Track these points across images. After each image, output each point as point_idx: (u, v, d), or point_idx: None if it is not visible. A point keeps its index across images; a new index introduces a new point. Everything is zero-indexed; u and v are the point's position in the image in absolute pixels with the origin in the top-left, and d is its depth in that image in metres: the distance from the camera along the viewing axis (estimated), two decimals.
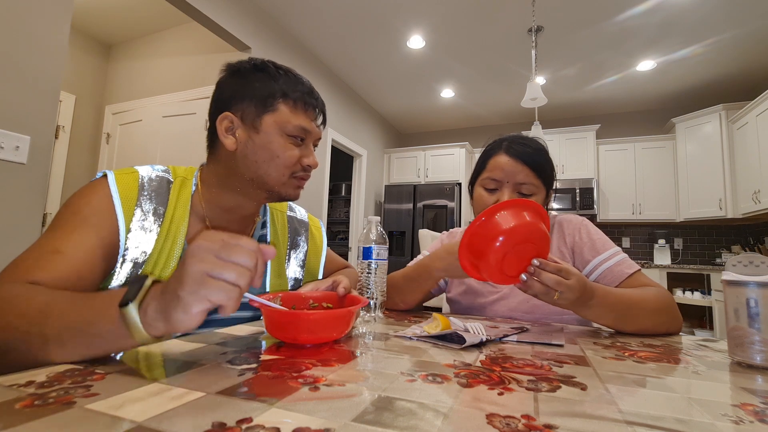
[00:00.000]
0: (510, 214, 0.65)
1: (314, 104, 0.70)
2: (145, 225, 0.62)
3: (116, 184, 0.61)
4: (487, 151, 0.93)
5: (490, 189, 0.89)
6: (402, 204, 4.59)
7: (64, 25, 1.57)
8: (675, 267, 3.63)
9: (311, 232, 0.90)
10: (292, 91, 0.68)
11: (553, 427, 0.29)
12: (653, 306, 0.71)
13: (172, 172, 0.70)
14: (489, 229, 0.64)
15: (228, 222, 0.72)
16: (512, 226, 0.63)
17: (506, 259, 0.63)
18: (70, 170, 3.10)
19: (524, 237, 0.63)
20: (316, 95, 0.72)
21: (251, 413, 0.28)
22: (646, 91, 4.00)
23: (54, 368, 0.37)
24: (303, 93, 0.69)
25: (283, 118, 0.67)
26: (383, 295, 0.76)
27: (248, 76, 0.68)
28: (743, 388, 0.40)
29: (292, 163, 0.68)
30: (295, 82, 0.70)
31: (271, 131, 0.66)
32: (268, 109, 0.67)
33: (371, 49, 3.39)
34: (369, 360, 0.46)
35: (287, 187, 0.70)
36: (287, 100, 0.67)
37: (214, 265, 0.36)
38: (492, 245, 0.63)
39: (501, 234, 0.63)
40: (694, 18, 2.77)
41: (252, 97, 0.67)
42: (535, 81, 2.56)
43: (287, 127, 0.67)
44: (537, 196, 0.88)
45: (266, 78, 0.68)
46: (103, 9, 3.00)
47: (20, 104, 1.45)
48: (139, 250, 0.61)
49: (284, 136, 0.67)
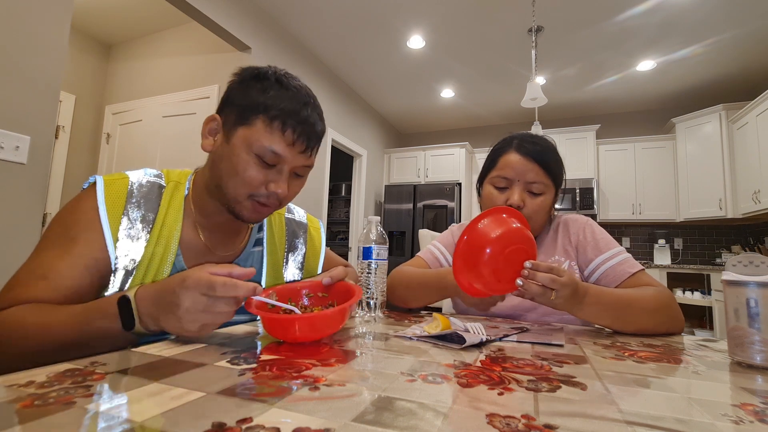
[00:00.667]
0: (492, 222, 0.68)
1: (295, 127, 0.62)
2: (132, 233, 0.61)
3: (104, 193, 0.61)
4: (497, 149, 0.93)
5: (500, 187, 0.90)
6: (402, 204, 4.59)
7: (64, 25, 1.57)
8: (675, 267, 3.64)
9: (310, 234, 0.88)
10: (274, 107, 0.61)
11: (553, 427, 0.29)
12: (652, 305, 0.71)
13: (165, 176, 0.70)
14: (475, 244, 0.66)
15: (219, 226, 0.70)
16: (498, 234, 0.65)
17: (499, 268, 0.64)
18: (70, 170, 3.10)
19: (511, 241, 0.65)
20: (303, 117, 0.62)
21: (251, 413, 0.28)
22: (646, 91, 4.00)
23: (54, 368, 0.37)
24: (285, 112, 0.61)
25: (254, 135, 0.61)
26: (383, 295, 0.76)
27: (245, 82, 0.65)
28: (743, 388, 0.40)
29: (253, 185, 0.62)
30: (283, 97, 0.62)
31: (238, 145, 0.61)
32: (244, 121, 0.62)
33: (371, 49, 3.39)
34: (369, 360, 0.46)
35: (242, 208, 0.64)
36: (265, 117, 0.61)
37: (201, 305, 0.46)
38: (482, 258, 0.64)
39: (488, 244, 0.64)
40: (694, 18, 2.77)
41: (237, 105, 0.63)
42: (535, 81, 2.56)
43: (254, 146, 0.61)
44: (547, 195, 0.88)
45: (258, 88, 0.63)
46: (103, 9, 3.00)
47: (20, 104, 1.45)
48: (128, 258, 0.60)
49: (251, 155, 0.61)
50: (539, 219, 0.89)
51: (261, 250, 0.77)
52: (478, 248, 0.65)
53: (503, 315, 0.90)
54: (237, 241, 0.74)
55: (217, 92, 2.76)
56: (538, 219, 0.89)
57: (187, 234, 0.67)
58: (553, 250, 0.94)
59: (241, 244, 0.75)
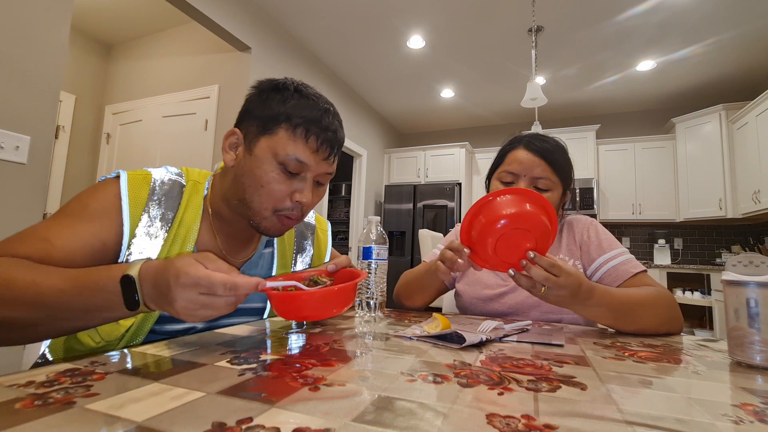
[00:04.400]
0: (516, 199, 0.65)
1: (318, 134, 0.62)
2: (151, 231, 0.61)
3: (127, 186, 0.61)
4: (506, 146, 0.95)
5: (506, 182, 0.91)
6: (402, 204, 4.59)
7: (64, 25, 1.57)
8: (675, 267, 3.63)
9: (317, 235, 0.89)
10: (296, 115, 0.61)
11: (553, 427, 0.29)
12: (653, 306, 0.71)
13: (185, 174, 0.70)
14: (493, 210, 0.64)
15: (234, 233, 0.71)
16: (515, 211, 0.63)
17: (502, 243, 0.63)
18: (70, 170, 3.10)
19: (523, 223, 0.63)
20: (325, 125, 0.63)
21: (251, 413, 0.28)
22: (646, 91, 4.00)
23: (54, 368, 0.37)
24: (307, 120, 0.61)
25: (278, 144, 0.61)
26: (383, 295, 0.76)
27: (264, 94, 0.65)
28: (743, 388, 0.40)
29: (279, 197, 0.62)
30: (304, 106, 0.63)
31: (262, 156, 0.61)
32: (267, 131, 0.62)
33: (371, 49, 3.39)
34: (369, 360, 0.46)
35: (267, 222, 0.64)
36: (288, 125, 0.61)
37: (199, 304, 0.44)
38: (494, 226, 0.63)
39: (503, 217, 0.63)
40: (694, 18, 2.77)
41: (258, 116, 0.63)
42: (535, 81, 2.56)
43: (279, 154, 0.60)
44: (553, 192, 0.89)
45: (278, 99, 0.63)
46: (103, 9, 3.00)
47: (20, 104, 1.45)
48: (143, 256, 0.60)
49: (276, 165, 0.61)
50: None
51: (272, 251, 0.78)
52: (493, 217, 0.64)
53: (505, 313, 0.90)
54: (250, 247, 0.75)
55: (217, 92, 2.76)
56: None
57: (204, 236, 0.67)
58: (558, 249, 0.94)
59: (254, 248, 0.75)
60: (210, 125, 2.71)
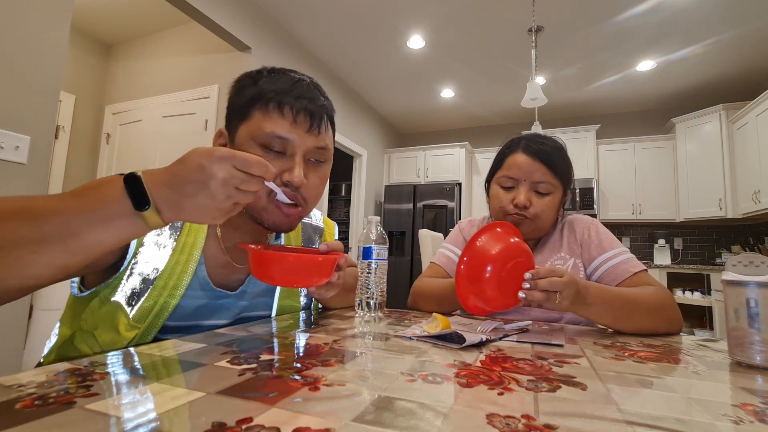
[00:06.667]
0: (489, 240, 0.69)
1: (292, 104, 0.57)
2: (160, 240, 0.59)
3: None
4: (505, 150, 0.95)
5: (506, 187, 0.91)
6: (402, 204, 4.59)
7: (64, 25, 1.57)
8: (675, 267, 3.64)
9: (325, 239, 0.88)
10: (267, 91, 0.57)
11: (553, 427, 0.29)
12: (652, 305, 0.71)
13: None
14: (476, 263, 0.67)
15: (240, 235, 0.69)
16: (498, 250, 0.67)
17: (503, 284, 0.66)
18: (70, 170, 3.10)
19: (511, 256, 0.66)
20: (298, 93, 0.58)
21: (251, 413, 0.28)
22: (646, 91, 4.00)
23: (54, 368, 0.37)
24: (278, 92, 0.57)
25: (254, 125, 0.57)
26: (383, 295, 0.76)
27: (240, 83, 0.63)
28: (743, 388, 0.40)
29: None
30: (274, 81, 0.59)
31: (243, 143, 0.57)
32: (243, 118, 0.58)
33: (371, 49, 3.39)
34: (369, 360, 0.46)
35: (270, 215, 0.60)
36: (261, 104, 0.57)
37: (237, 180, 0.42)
38: (484, 276, 0.66)
39: (489, 262, 0.66)
40: (694, 18, 2.77)
41: (235, 107, 0.60)
42: (535, 81, 2.56)
43: (257, 136, 0.56)
44: (554, 194, 0.89)
45: (250, 84, 0.60)
46: (103, 9, 3.00)
47: (20, 104, 1.45)
48: (150, 266, 0.58)
49: (258, 148, 0.57)
50: (546, 218, 0.89)
51: None
52: (479, 267, 0.66)
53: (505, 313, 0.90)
54: None
55: (217, 92, 2.76)
56: (545, 218, 0.89)
57: (210, 243, 0.66)
58: (559, 248, 0.95)
59: None
60: (210, 125, 2.71)
